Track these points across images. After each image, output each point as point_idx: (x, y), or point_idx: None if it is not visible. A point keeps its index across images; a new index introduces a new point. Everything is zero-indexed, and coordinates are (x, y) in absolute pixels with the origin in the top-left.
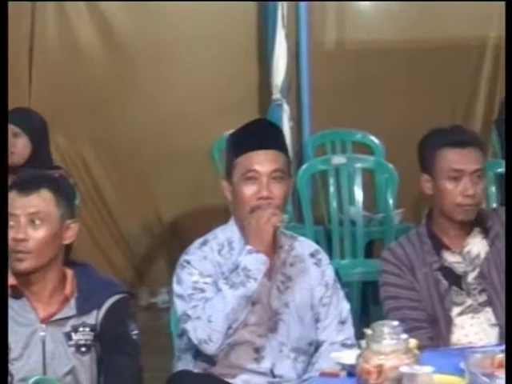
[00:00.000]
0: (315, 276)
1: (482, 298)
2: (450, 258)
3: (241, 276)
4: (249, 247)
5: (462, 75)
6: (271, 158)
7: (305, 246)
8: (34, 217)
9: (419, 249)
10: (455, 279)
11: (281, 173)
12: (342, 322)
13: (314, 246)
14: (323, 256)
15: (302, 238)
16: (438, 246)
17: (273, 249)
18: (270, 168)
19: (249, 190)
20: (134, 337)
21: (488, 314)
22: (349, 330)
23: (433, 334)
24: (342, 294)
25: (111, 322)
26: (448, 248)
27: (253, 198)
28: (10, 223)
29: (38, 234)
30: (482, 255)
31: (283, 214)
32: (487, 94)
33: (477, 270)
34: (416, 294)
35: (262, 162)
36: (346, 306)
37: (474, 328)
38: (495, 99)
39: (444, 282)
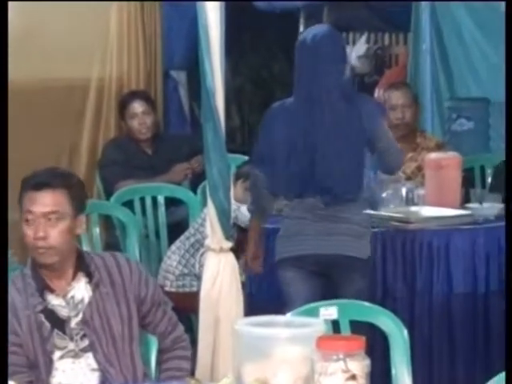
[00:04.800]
0: None
1: (84, 343)
2: (54, 301)
3: None
4: None
5: (66, 116)
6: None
7: None
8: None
9: (23, 291)
10: (59, 322)
11: None
12: None
13: None
14: None
15: None
16: (42, 288)
17: None
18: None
19: None
20: None
21: (89, 360)
22: None
23: (32, 377)
24: None
25: None
26: (52, 290)
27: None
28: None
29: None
30: (86, 300)
31: None
32: (91, 135)
33: (80, 315)
34: (16, 338)
35: None
36: None
37: (75, 372)
38: (98, 140)
39: (47, 325)
